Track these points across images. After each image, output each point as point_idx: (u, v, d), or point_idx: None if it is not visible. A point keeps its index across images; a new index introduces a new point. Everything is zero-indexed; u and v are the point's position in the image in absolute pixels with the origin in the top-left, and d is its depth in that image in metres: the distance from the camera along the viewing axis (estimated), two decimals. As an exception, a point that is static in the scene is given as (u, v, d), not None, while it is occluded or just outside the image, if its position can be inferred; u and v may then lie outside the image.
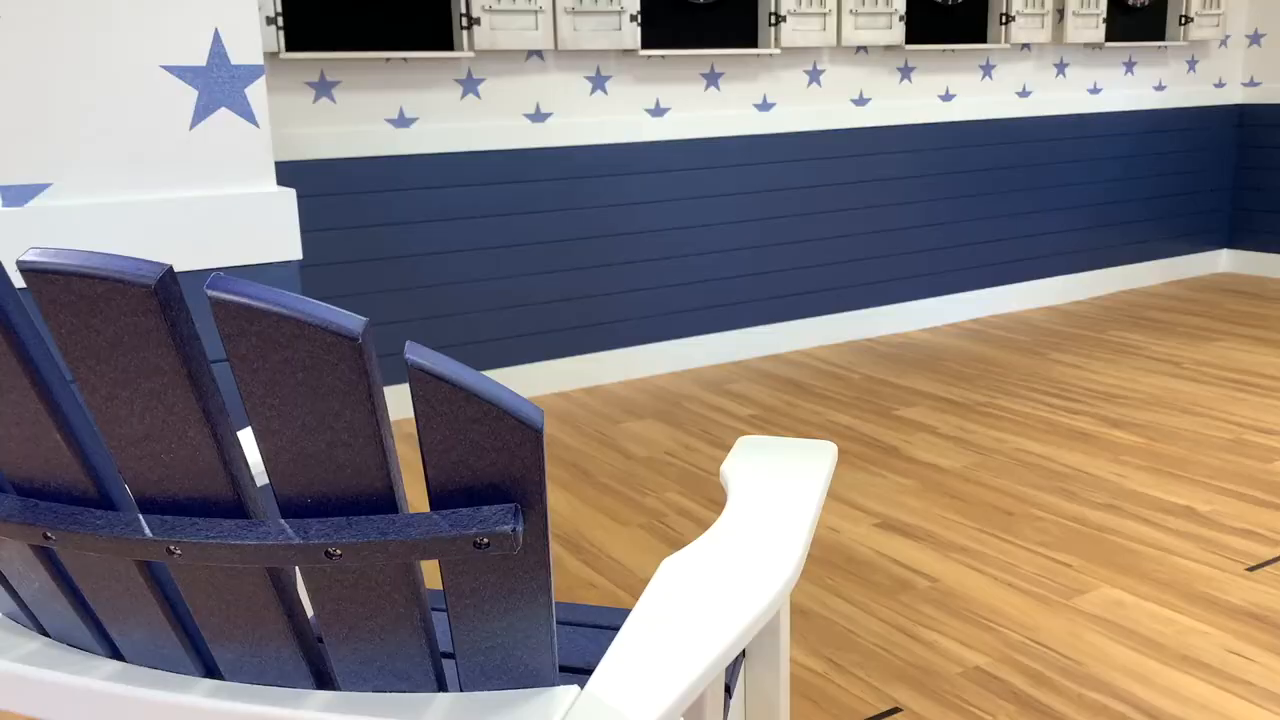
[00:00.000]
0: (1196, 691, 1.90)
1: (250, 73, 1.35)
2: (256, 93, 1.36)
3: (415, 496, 2.86)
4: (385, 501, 0.65)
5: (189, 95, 1.32)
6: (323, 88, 3.28)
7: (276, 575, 0.69)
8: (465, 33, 3.38)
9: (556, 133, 3.69)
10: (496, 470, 0.63)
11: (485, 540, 0.63)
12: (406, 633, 0.70)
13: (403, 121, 3.43)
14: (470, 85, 3.52)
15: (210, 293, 0.59)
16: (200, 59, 1.30)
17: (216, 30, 1.29)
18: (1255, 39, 5.35)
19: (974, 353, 4.21)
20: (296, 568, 0.70)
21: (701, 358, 4.13)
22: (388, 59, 3.35)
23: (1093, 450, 3.11)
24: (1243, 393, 3.60)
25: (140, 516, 0.67)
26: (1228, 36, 5.32)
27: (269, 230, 1.37)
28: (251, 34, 1.34)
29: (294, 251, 1.41)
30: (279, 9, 3.07)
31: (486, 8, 3.37)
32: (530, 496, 0.65)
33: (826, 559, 2.46)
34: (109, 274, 0.61)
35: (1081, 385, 3.74)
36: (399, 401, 3.56)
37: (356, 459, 0.63)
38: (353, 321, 0.62)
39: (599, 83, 3.75)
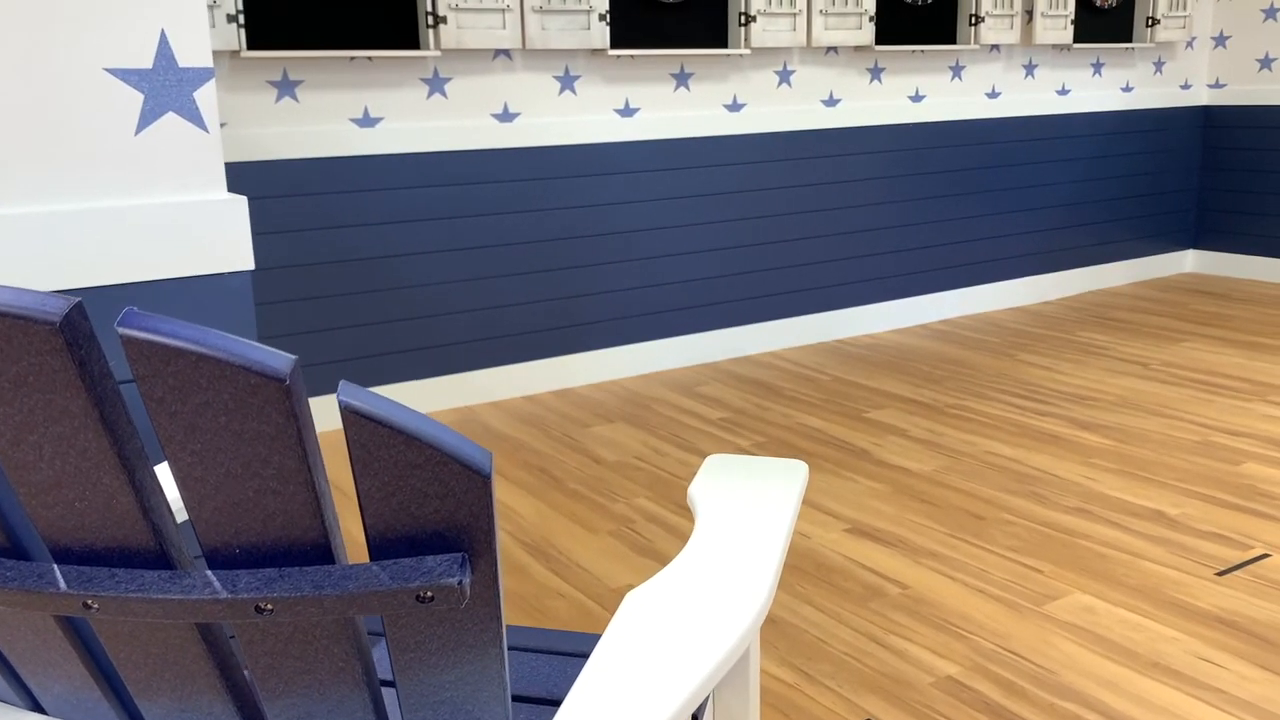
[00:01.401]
0: (1168, 699, 1.89)
1: (199, 76, 1.29)
2: (206, 96, 1.30)
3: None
4: (320, 551, 0.61)
5: (134, 99, 1.26)
6: (285, 87, 3.22)
7: (206, 627, 0.65)
8: (431, 31, 3.32)
9: (524, 133, 3.64)
10: (441, 518, 0.59)
11: (429, 594, 0.59)
12: (347, 688, 0.65)
13: (367, 121, 3.37)
14: (436, 84, 3.47)
15: (121, 330, 0.55)
16: (146, 61, 1.25)
17: (163, 31, 1.23)
18: (1220, 41, 5.39)
19: (943, 354, 4.21)
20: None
21: (671, 360, 4.09)
22: (352, 58, 3.29)
23: (1062, 452, 3.10)
24: (1209, 394, 3.61)
25: (55, 567, 0.63)
26: (1194, 38, 5.34)
27: (219, 239, 1.32)
28: (200, 35, 1.29)
29: (246, 261, 1.35)
30: (240, 6, 3.01)
31: (453, 6, 3.32)
32: (478, 544, 0.61)
33: (797, 566, 2.43)
34: (9, 310, 0.56)
35: (1050, 387, 3.74)
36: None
37: (288, 506, 0.59)
38: (279, 361, 0.57)
39: (567, 82, 3.70)
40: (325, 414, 3.44)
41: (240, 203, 1.37)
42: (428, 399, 3.61)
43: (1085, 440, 3.20)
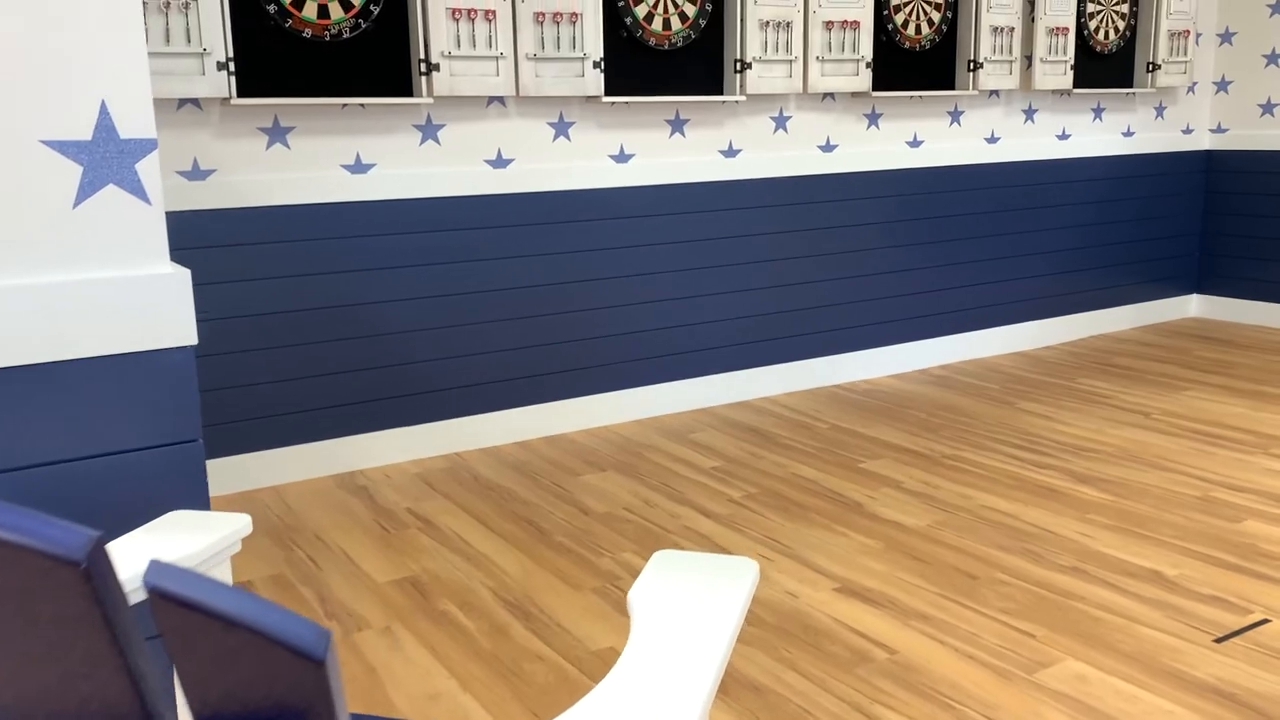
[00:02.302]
0: (1160, 778, 1.83)
1: (141, 147, 1.27)
2: (148, 168, 1.28)
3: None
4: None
5: (72, 171, 1.24)
6: (276, 133, 3.21)
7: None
8: (424, 79, 3.32)
9: (518, 179, 3.62)
10: (271, 703, 0.53)
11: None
12: None
13: (359, 167, 3.36)
14: (430, 131, 3.46)
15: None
16: (85, 133, 1.23)
17: (103, 102, 1.21)
18: (1222, 86, 5.37)
19: (942, 401, 4.16)
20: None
21: (666, 405, 4.05)
22: (344, 105, 3.28)
23: (1059, 507, 3.05)
24: (1212, 446, 3.56)
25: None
26: (1195, 84, 5.33)
27: (161, 314, 1.28)
28: (143, 106, 1.26)
29: (188, 336, 1.32)
30: (230, 54, 3.00)
31: (446, 54, 3.31)
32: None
33: (783, 628, 2.38)
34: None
35: (1049, 437, 3.69)
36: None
37: (104, 691, 0.54)
38: (76, 540, 0.53)
39: (562, 129, 3.69)
40: (307, 464, 3.40)
41: (183, 276, 1.34)
42: (419, 445, 3.57)
43: (1083, 494, 3.14)
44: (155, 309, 1.27)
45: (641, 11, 3.70)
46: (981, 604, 2.48)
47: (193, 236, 3.12)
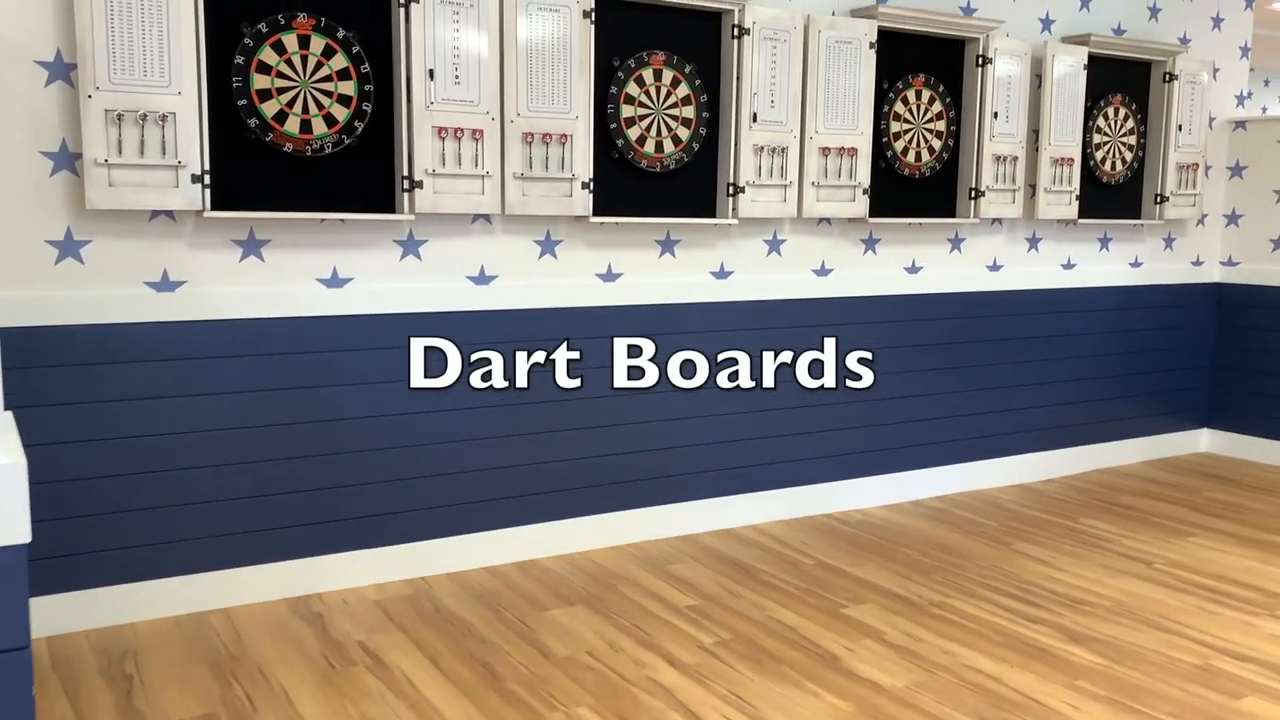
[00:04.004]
0: None
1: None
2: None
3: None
4: None
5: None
6: (251, 246, 3.15)
7: None
8: (407, 195, 3.27)
9: (501, 295, 3.55)
10: None
11: None
12: None
13: (336, 281, 3.29)
14: (411, 246, 3.40)
15: None
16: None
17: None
18: (1233, 219, 5.28)
19: (935, 538, 3.99)
20: None
21: (647, 531, 3.90)
22: (323, 220, 3.23)
23: (1048, 670, 2.86)
24: (1215, 604, 3.36)
25: None
26: (1205, 215, 5.25)
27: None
28: None
29: (20, 534, 1.22)
30: (206, 166, 2.96)
31: (430, 171, 3.27)
32: None
33: (737, 808, 2.20)
34: None
35: (1044, 585, 3.51)
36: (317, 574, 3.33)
37: None
38: None
39: (548, 246, 3.63)
40: (263, 586, 3.26)
41: (17, 470, 1.23)
42: (383, 568, 3.43)
43: (1075, 657, 2.96)
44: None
45: (634, 134, 3.66)
46: (954, 788, 2.29)
47: (159, 349, 3.04)
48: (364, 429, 3.36)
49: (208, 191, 2.98)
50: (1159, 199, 4.93)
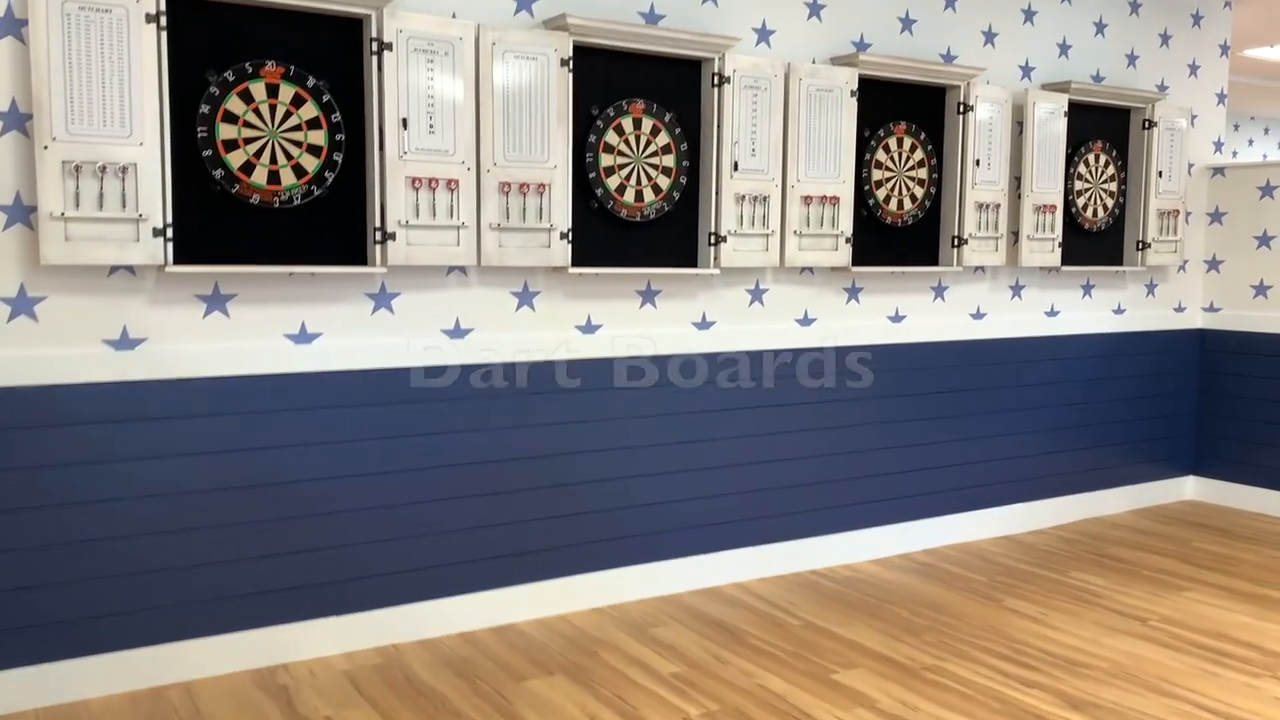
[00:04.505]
0: None
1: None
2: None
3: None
4: None
5: None
6: (216, 301, 3.02)
7: None
8: (379, 247, 3.16)
9: (477, 349, 3.43)
10: None
11: None
12: None
13: (304, 337, 3.16)
14: (383, 299, 3.28)
15: None
16: None
17: None
18: (1214, 265, 5.26)
19: (924, 595, 3.87)
20: None
21: (629, 591, 3.76)
22: (291, 273, 3.11)
23: (1049, 741, 2.74)
24: (1215, 665, 3.26)
25: None
26: (1186, 262, 5.22)
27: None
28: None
29: None
30: (168, 219, 2.84)
31: (403, 223, 3.16)
32: None
33: None
34: None
35: (1039, 646, 3.40)
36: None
37: None
38: None
39: (526, 298, 3.52)
40: (227, 656, 3.09)
41: None
42: (353, 636, 3.27)
43: (1075, 726, 2.84)
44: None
45: (613, 183, 3.57)
46: None
47: (117, 410, 2.90)
48: (332, 490, 3.22)
49: (170, 245, 2.85)
50: (1141, 245, 4.89)
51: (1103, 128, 4.79)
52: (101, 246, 2.77)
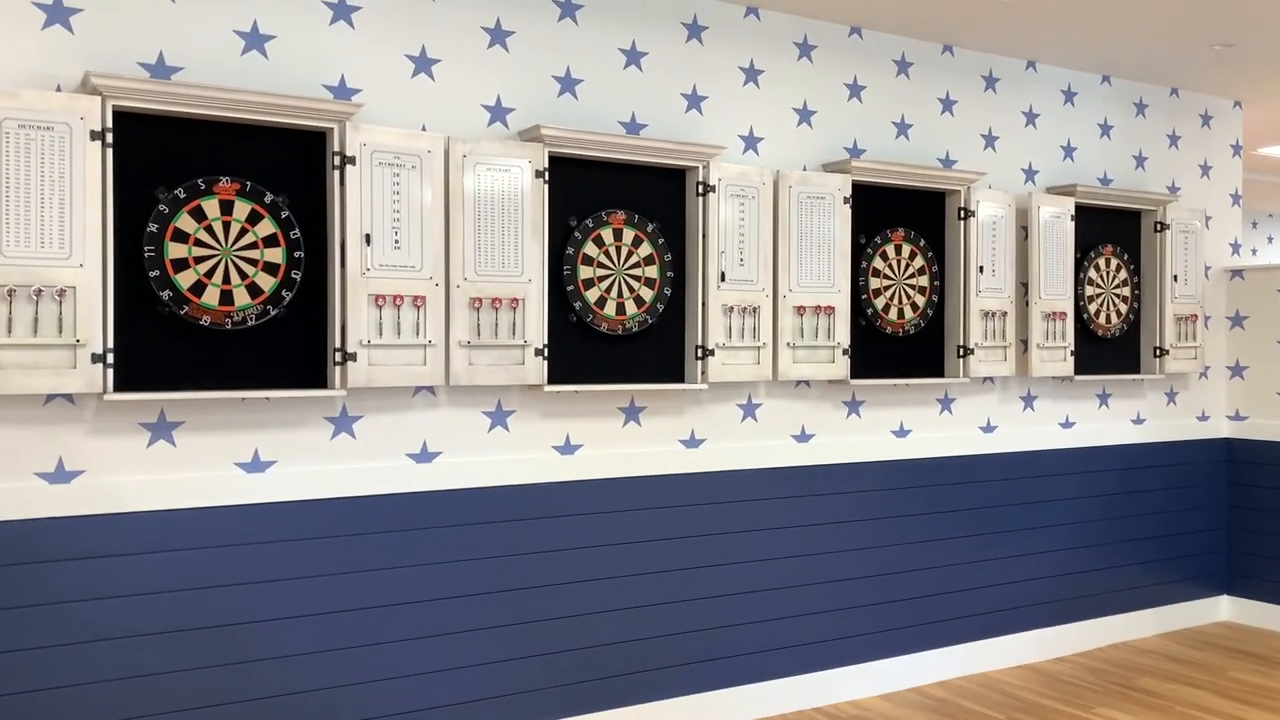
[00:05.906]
0: None
1: None
2: None
3: None
4: None
5: None
6: (161, 429, 2.84)
7: None
8: (339, 369, 2.98)
9: (445, 474, 3.22)
10: None
11: None
12: None
13: (256, 465, 2.96)
14: (344, 423, 3.09)
15: None
16: None
17: None
18: (1237, 371, 5.01)
19: (936, 738, 3.55)
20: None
21: (613, 734, 3.47)
22: (244, 399, 2.92)
23: None
24: (1260, 827, 2.93)
25: None
26: (1207, 368, 4.98)
27: None
28: None
29: None
30: (109, 344, 2.67)
31: (365, 342, 2.98)
32: None
33: None
34: None
35: (1062, 802, 3.07)
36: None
37: None
38: None
39: (499, 418, 3.32)
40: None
41: None
42: (304, 791, 3.00)
43: None
44: None
45: (593, 296, 3.40)
46: None
47: (48, 548, 2.69)
48: (286, 632, 2.98)
49: (110, 371, 2.68)
50: (1158, 352, 4.66)
51: (1113, 231, 4.61)
52: (35, 374, 2.60)
